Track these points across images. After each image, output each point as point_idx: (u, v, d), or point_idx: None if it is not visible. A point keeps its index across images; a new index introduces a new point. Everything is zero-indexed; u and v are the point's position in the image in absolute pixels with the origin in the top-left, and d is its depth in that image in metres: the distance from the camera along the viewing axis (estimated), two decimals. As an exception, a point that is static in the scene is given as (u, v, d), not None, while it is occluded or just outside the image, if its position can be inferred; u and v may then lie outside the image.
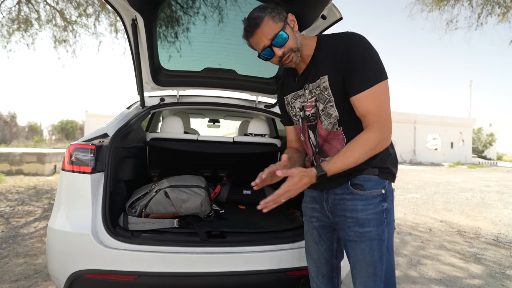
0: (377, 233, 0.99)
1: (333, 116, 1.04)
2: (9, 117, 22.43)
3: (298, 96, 1.14)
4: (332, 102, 1.02)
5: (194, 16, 1.96)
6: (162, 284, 1.40)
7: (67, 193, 1.46)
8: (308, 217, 1.23)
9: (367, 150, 0.95)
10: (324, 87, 1.02)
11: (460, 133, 25.97)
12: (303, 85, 1.10)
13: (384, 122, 0.95)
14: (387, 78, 0.97)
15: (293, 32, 1.02)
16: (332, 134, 1.06)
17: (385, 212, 1.01)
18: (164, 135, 2.27)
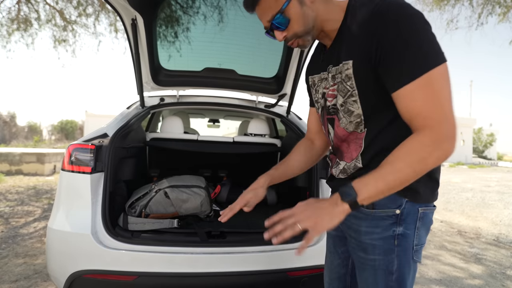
0: (383, 262, 0.78)
1: (355, 115, 0.80)
2: (9, 117, 22.43)
3: (322, 79, 0.89)
4: (355, 96, 0.78)
5: (194, 16, 1.95)
6: (162, 284, 1.40)
7: (67, 193, 1.45)
8: None
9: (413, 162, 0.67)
10: (347, 75, 0.77)
11: (461, 133, 25.95)
12: (327, 66, 0.85)
13: (440, 125, 0.66)
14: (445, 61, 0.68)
15: (301, 8, 0.77)
16: (352, 135, 0.83)
17: (397, 239, 0.77)
18: (164, 135, 2.27)
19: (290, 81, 2.13)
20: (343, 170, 0.87)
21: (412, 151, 0.67)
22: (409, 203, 0.77)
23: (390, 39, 0.68)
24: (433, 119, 0.66)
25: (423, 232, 0.79)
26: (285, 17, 0.78)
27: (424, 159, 0.67)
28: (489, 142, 30.16)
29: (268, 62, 2.14)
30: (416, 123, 0.69)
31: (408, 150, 0.68)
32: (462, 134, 26.02)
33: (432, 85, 0.66)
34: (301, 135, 1.94)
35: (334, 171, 0.91)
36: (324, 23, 0.81)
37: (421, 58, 0.66)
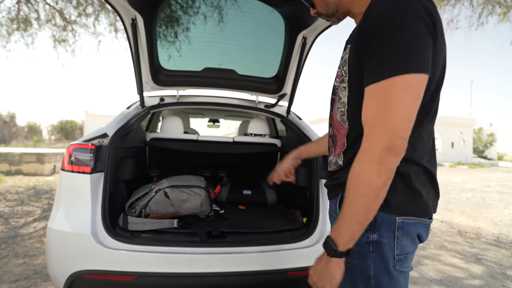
0: (359, 267, 0.76)
1: (341, 102, 0.79)
2: (9, 117, 22.43)
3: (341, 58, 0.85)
4: (345, 83, 0.77)
5: (194, 16, 1.95)
6: (162, 284, 1.40)
7: (67, 193, 1.45)
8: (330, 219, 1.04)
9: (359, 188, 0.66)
10: (345, 60, 0.77)
11: (461, 133, 25.96)
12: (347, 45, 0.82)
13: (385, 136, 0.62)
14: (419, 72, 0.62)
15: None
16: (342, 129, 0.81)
17: (371, 245, 0.74)
18: (164, 135, 2.27)
19: (290, 81, 2.13)
20: (329, 162, 0.88)
21: (356, 178, 0.67)
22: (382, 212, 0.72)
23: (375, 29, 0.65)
24: (374, 127, 0.64)
25: (407, 242, 0.75)
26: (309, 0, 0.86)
27: (368, 182, 0.64)
28: (489, 142, 30.16)
29: (268, 62, 2.14)
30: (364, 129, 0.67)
31: (353, 178, 0.67)
32: (463, 134, 26.04)
33: (389, 92, 0.62)
34: (301, 135, 1.93)
35: (329, 159, 0.90)
36: (349, 6, 0.81)
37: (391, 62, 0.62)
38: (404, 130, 0.63)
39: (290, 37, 1.88)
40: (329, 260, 0.73)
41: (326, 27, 1.57)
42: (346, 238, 0.70)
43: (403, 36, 0.61)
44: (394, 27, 0.62)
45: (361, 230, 0.69)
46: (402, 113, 0.62)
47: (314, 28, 1.70)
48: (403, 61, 0.61)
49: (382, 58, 0.63)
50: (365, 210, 0.67)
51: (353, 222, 0.68)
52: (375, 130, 0.64)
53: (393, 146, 0.62)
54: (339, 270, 0.73)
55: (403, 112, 0.62)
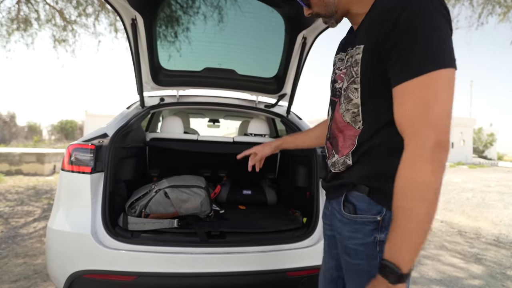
0: (366, 267, 0.75)
1: (353, 103, 0.77)
2: (9, 117, 22.43)
3: (339, 60, 0.86)
4: (357, 84, 0.75)
5: (194, 16, 1.95)
6: (162, 284, 1.40)
7: (67, 193, 1.45)
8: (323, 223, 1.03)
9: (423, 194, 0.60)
10: (356, 60, 0.75)
11: (461, 133, 25.96)
12: (347, 47, 0.82)
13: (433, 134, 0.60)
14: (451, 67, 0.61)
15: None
16: (351, 130, 0.80)
17: (378, 245, 0.73)
18: (164, 135, 2.27)
19: (290, 81, 2.13)
20: (333, 164, 0.86)
21: (409, 182, 0.61)
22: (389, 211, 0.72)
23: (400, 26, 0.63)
24: (417, 126, 0.62)
25: None
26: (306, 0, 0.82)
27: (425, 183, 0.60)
28: (489, 142, 30.16)
29: (268, 62, 2.14)
30: (403, 128, 0.65)
31: (405, 183, 0.62)
32: (462, 134, 26.03)
33: (428, 88, 0.61)
34: None
35: (329, 162, 0.89)
36: (349, 6, 0.80)
37: (424, 57, 0.61)
38: (448, 125, 0.62)
39: (290, 37, 1.88)
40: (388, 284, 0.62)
41: (326, 27, 1.57)
42: (409, 256, 0.61)
43: (432, 32, 0.61)
44: (421, 23, 0.61)
45: (420, 245, 0.61)
46: (443, 108, 0.61)
47: (314, 28, 1.70)
48: (437, 57, 0.61)
49: (413, 55, 0.62)
50: (427, 216, 0.60)
51: (415, 235, 0.60)
52: (420, 128, 0.61)
53: (442, 142, 0.60)
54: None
55: (443, 107, 0.61)
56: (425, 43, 0.60)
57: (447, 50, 0.61)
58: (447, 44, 0.61)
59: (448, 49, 0.61)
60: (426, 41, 0.60)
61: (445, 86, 0.61)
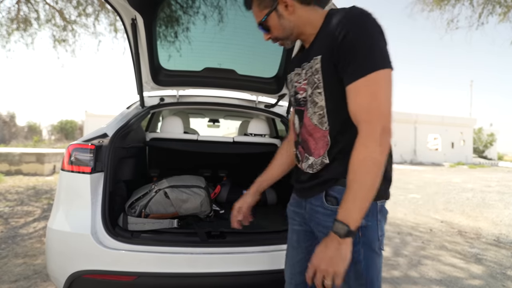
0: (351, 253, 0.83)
1: (319, 106, 0.90)
2: (8, 117, 22.43)
3: (296, 74, 1.01)
4: (320, 88, 0.88)
5: (194, 16, 1.95)
6: (162, 284, 1.40)
7: (67, 193, 1.45)
8: (290, 219, 1.14)
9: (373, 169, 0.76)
10: (316, 69, 0.89)
11: (461, 133, 25.96)
12: (302, 63, 0.97)
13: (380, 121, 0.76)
14: (391, 68, 0.79)
15: (279, 21, 0.92)
16: (319, 132, 0.92)
17: (361, 230, 0.84)
18: (164, 135, 2.27)
19: (290, 81, 2.12)
20: (310, 166, 0.95)
21: (363, 159, 0.76)
22: None
23: (348, 39, 0.79)
24: (370, 114, 0.77)
25: (384, 223, 0.90)
26: (266, 26, 0.95)
27: (375, 160, 0.76)
28: (490, 142, 30.15)
29: (268, 62, 2.14)
30: (357, 117, 0.80)
31: (360, 160, 0.77)
32: (463, 134, 26.03)
33: (375, 84, 0.77)
34: None
35: (304, 165, 0.97)
36: (303, 28, 0.94)
37: (371, 60, 0.78)
38: (390, 114, 0.78)
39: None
40: (342, 242, 0.77)
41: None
42: (356, 217, 0.77)
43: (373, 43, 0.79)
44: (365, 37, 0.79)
45: (366, 209, 0.77)
46: (388, 100, 0.78)
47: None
48: (382, 59, 0.78)
49: (361, 60, 0.78)
50: (373, 186, 0.77)
51: (363, 200, 0.77)
52: (372, 117, 0.77)
53: (388, 129, 0.77)
54: (349, 249, 0.78)
55: (388, 99, 0.78)
56: (369, 51, 0.78)
57: (385, 55, 0.79)
58: (384, 51, 0.79)
59: (386, 54, 0.79)
60: (370, 49, 0.78)
61: (386, 83, 0.78)
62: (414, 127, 24.24)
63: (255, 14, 0.96)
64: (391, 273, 2.56)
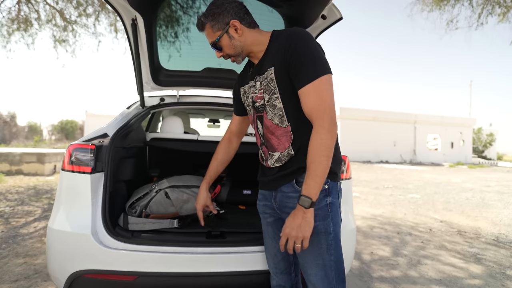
0: (323, 226, 1.04)
1: (278, 108, 1.08)
2: (9, 117, 22.43)
3: (251, 87, 1.18)
4: (277, 93, 1.07)
5: (194, 16, 1.95)
6: (162, 284, 1.40)
7: (67, 193, 1.45)
8: (262, 214, 1.29)
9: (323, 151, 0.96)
10: (271, 78, 1.07)
11: (460, 133, 25.96)
12: (254, 77, 1.15)
13: (329, 116, 0.97)
14: (331, 73, 1.00)
15: (231, 41, 1.10)
16: (280, 130, 1.09)
17: (329, 206, 1.06)
18: (164, 135, 2.27)
19: (290, 81, 2.13)
20: (278, 159, 1.12)
21: (319, 145, 0.97)
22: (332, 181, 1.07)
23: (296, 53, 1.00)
24: (321, 111, 0.98)
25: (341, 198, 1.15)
26: (218, 46, 1.13)
27: (327, 145, 0.97)
28: (489, 142, 30.15)
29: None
30: (311, 115, 1.00)
31: (316, 146, 0.97)
32: (462, 134, 26.04)
33: (320, 87, 0.98)
34: None
35: (270, 162, 1.15)
36: (251, 47, 1.13)
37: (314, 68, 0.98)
38: (334, 109, 1.00)
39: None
40: (306, 212, 0.96)
41: (326, 27, 1.57)
42: (316, 191, 0.96)
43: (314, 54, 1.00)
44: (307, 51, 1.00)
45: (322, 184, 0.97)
46: (332, 98, 1.00)
47: (314, 28, 1.70)
48: (323, 66, 1.00)
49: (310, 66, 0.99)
50: (327, 165, 0.98)
51: (321, 177, 0.96)
52: (322, 113, 0.98)
53: (334, 120, 0.98)
54: (313, 217, 0.98)
55: (332, 97, 1.00)
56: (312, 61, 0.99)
57: (325, 63, 1.01)
58: (324, 59, 1.01)
59: (325, 62, 1.01)
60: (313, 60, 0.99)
61: (328, 85, 0.99)
62: (414, 127, 24.24)
63: (208, 35, 1.13)
64: (390, 272, 2.56)
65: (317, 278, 1.05)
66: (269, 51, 1.10)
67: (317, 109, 0.98)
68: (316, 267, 1.05)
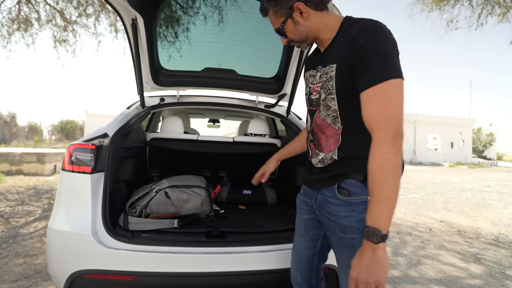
0: (359, 240, 0.88)
1: (332, 109, 0.98)
2: (9, 117, 22.43)
3: (311, 76, 1.08)
4: (333, 94, 0.96)
5: (194, 16, 1.96)
6: (162, 284, 1.40)
7: (67, 193, 1.46)
8: (298, 208, 1.22)
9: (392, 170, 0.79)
10: (330, 76, 0.96)
11: (460, 133, 25.96)
12: (317, 66, 1.05)
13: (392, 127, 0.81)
14: (402, 78, 0.84)
15: (295, 26, 0.99)
16: (332, 130, 1.00)
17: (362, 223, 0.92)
18: (164, 135, 2.27)
19: (290, 81, 2.13)
20: (321, 160, 1.03)
21: (382, 161, 0.80)
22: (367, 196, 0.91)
23: (363, 51, 0.86)
24: (382, 121, 0.82)
25: None
26: (283, 32, 1.03)
27: (393, 161, 0.80)
28: (489, 142, 30.14)
29: (268, 62, 2.14)
30: (370, 124, 0.85)
31: (378, 163, 0.81)
32: (462, 134, 26.03)
33: (386, 92, 0.82)
34: None
35: (314, 160, 1.07)
36: (318, 33, 1.01)
37: (383, 70, 0.83)
38: (401, 119, 0.83)
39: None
40: (376, 249, 0.78)
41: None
42: (386, 220, 0.78)
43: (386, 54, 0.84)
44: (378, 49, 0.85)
45: (393, 209, 0.79)
46: (399, 107, 0.83)
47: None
48: (394, 69, 0.84)
49: (376, 69, 0.84)
50: (396, 187, 0.79)
51: (388, 202, 0.78)
52: (383, 123, 0.82)
53: (399, 132, 0.81)
54: (385, 255, 0.79)
55: (399, 106, 0.83)
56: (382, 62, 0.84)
57: (396, 66, 0.84)
58: (396, 62, 0.85)
59: (397, 65, 0.85)
60: (383, 60, 0.84)
61: (397, 91, 0.83)
62: (414, 127, 24.23)
63: (272, 21, 1.03)
64: (390, 272, 2.56)
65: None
66: (336, 41, 0.96)
67: (378, 118, 0.82)
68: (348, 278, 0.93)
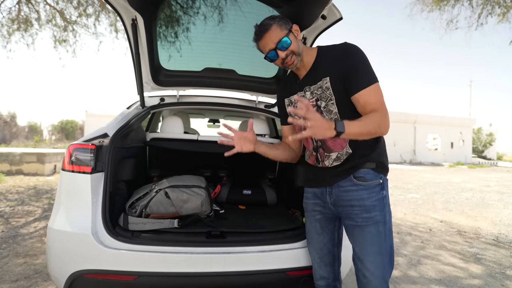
0: (381, 216, 1.17)
1: (333, 112, 1.22)
2: (9, 117, 22.43)
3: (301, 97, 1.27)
4: (333, 100, 1.21)
5: (194, 16, 1.96)
6: (162, 284, 1.40)
7: (67, 193, 1.46)
8: (310, 212, 1.38)
9: (376, 126, 1.11)
10: (326, 87, 1.20)
11: (460, 133, 25.96)
12: (303, 87, 1.28)
13: (385, 111, 1.15)
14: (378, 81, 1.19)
15: (295, 40, 1.22)
16: None
17: (385, 198, 1.20)
18: (164, 135, 2.27)
19: (290, 81, 2.13)
20: (336, 158, 1.23)
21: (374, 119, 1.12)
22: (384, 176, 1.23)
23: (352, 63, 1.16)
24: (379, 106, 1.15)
25: None
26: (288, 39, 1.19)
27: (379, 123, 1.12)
28: (489, 142, 30.15)
29: (268, 62, 2.14)
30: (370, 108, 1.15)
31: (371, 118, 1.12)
32: (462, 134, 26.03)
33: (377, 90, 1.16)
34: None
35: (327, 162, 1.25)
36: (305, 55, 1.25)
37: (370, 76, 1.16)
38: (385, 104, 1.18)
39: (290, 38, 1.88)
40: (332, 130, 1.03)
41: (326, 27, 1.58)
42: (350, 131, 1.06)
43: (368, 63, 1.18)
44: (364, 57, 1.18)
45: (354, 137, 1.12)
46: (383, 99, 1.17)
47: (314, 28, 1.70)
48: (375, 75, 1.17)
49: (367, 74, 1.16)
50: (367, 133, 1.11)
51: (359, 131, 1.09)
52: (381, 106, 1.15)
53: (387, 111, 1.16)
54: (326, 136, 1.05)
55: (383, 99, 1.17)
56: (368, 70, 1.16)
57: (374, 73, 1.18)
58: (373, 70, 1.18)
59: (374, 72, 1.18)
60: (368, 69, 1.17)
61: (380, 88, 1.17)
62: (414, 127, 24.24)
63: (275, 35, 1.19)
64: (390, 272, 2.57)
65: (375, 265, 1.16)
66: (319, 63, 1.24)
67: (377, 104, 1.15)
68: (374, 255, 1.16)
